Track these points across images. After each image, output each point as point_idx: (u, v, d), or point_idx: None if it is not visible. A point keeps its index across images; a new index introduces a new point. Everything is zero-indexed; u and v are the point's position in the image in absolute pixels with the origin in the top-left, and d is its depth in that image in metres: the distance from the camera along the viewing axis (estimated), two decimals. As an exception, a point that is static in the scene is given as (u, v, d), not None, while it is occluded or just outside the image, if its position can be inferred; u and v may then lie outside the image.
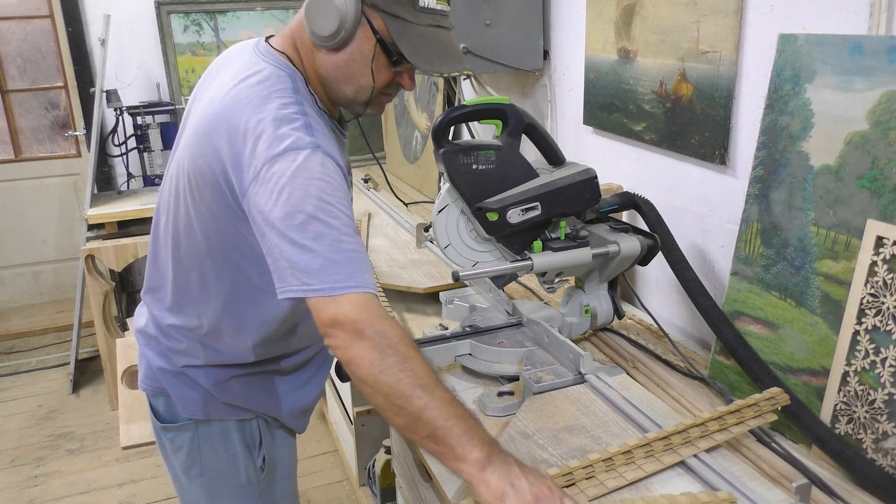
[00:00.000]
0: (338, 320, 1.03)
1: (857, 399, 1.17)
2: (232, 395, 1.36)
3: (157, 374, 1.37)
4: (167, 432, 1.40)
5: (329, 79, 1.21)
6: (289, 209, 1.05)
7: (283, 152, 1.07)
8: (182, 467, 1.42)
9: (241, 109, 1.13)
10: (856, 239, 1.17)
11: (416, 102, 3.16)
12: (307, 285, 1.04)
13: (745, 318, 1.39)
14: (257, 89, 1.15)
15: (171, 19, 3.91)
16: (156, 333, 1.36)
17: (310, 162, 1.07)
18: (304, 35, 1.20)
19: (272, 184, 1.06)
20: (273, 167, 1.07)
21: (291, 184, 1.06)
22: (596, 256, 1.53)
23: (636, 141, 1.89)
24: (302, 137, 1.09)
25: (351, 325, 1.03)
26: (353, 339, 1.03)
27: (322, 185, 1.07)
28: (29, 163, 4.31)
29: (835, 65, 1.23)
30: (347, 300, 1.04)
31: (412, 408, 1.01)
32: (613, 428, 1.27)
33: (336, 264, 1.05)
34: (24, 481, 2.95)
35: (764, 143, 1.36)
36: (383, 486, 2.32)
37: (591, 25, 2.01)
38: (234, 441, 1.39)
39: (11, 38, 4.13)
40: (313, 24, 1.15)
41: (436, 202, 1.52)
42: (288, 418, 1.44)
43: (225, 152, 1.13)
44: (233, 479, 1.41)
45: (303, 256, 1.05)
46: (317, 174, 1.07)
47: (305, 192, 1.06)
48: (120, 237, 3.41)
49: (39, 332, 4.30)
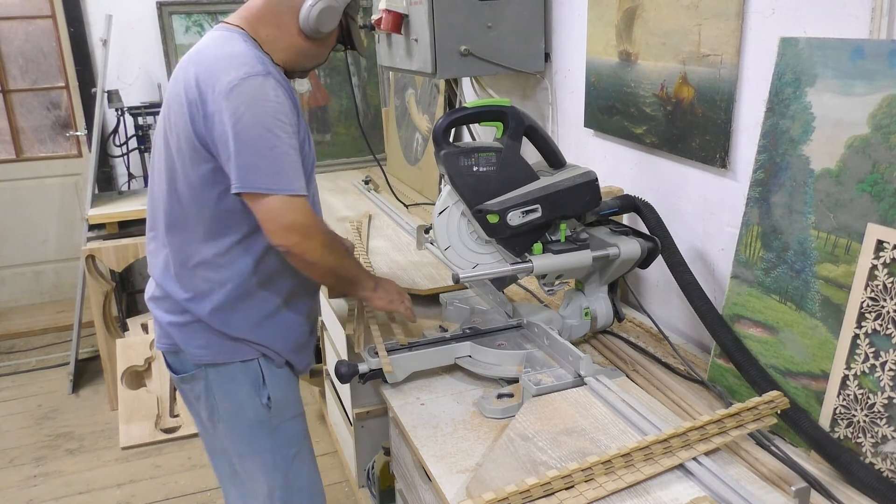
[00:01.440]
0: (294, 224, 1.39)
1: (856, 403, 1.17)
2: (235, 326, 1.53)
3: (168, 330, 1.57)
4: (184, 383, 1.61)
5: (301, 55, 1.55)
6: (249, 123, 1.34)
7: (242, 78, 1.36)
8: (206, 415, 1.61)
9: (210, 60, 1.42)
10: (856, 243, 1.17)
11: (417, 104, 3.16)
12: (263, 185, 1.36)
13: (745, 322, 1.39)
14: (223, 49, 1.44)
15: (172, 20, 3.92)
16: (168, 289, 1.54)
17: (264, 87, 1.37)
18: (279, 19, 1.49)
19: (235, 103, 1.34)
20: (233, 91, 1.35)
21: (251, 103, 1.35)
22: (596, 259, 1.53)
23: (637, 144, 1.90)
24: (255, 66, 1.38)
25: (305, 228, 1.41)
26: (305, 238, 1.41)
27: (274, 105, 1.37)
28: (30, 163, 4.31)
29: (836, 68, 1.23)
30: (296, 203, 1.39)
31: (343, 271, 1.55)
32: (612, 430, 1.27)
33: (285, 172, 1.38)
34: (24, 481, 2.95)
35: (765, 146, 1.36)
36: (382, 487, 2.31)
37: (592, 28, 2.01)
38: (241, 382, 1.57)
39: (13, 38, 4.14)
40: (321, 24, 1.49)
41: (436, 204, 1.52)
42: (286, 352, 1.61)
43: (192, 85, 1.40)
44: (245, 419, 1.59)
45: (260, 161, 1.36)
46: (270, 96, 1.37)
47: (262, 108, 1.36)
48: (120, 237, 3.42)
49: (40, 331, 4.30)
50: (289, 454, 1.64)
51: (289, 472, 1.64)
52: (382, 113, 3.73)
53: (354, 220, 2.69)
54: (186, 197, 1.48)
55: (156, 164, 1.54)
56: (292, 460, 1.65)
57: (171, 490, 2.85)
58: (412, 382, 1.55)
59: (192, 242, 1.51)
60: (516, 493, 1.06)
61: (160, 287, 1.56)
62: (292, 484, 1.65)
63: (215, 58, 1.41)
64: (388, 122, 3.58)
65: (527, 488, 1.06)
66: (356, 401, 2.31)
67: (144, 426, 3.18)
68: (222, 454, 1.65)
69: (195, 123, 1.40)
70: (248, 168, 1.36)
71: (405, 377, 1.54)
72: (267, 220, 1.39)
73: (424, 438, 1.34)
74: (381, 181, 3.21)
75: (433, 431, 1.36)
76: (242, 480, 1.64)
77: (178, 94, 1.43)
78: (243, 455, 1.61)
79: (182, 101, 1.41)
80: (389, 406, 1.50)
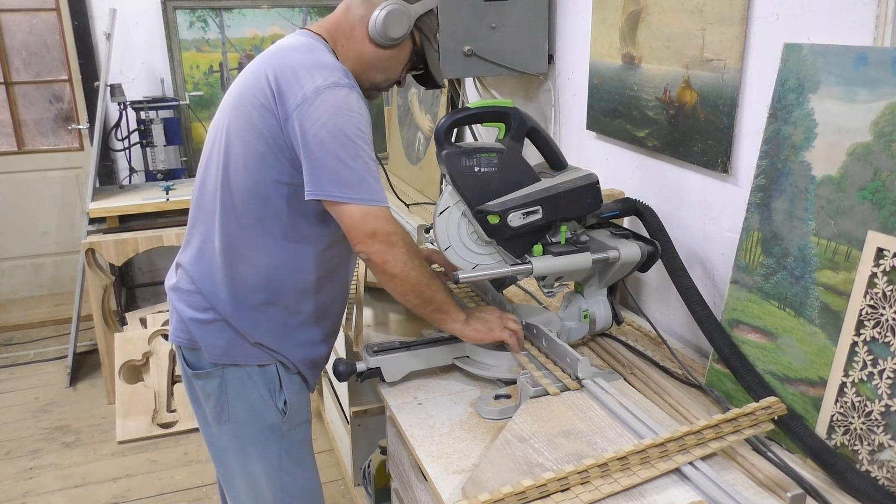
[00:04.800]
0: (377, 232, 1.36)
1: (853, 410, 1.16)
2: (259, 332, 1.51)
3: (187, 325, 1.53)
4: (198, 379, 1.56)
5: (370, 66, 1.52)
6: (333, 130, 1.33)
7: (329, 86, 1.35)
8: (213, 414, 1.57)
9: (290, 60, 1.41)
10: (856, 250, 1.17)
11: (419, 104, 3.16)
12: (345, 195, 1.35)
13: (744, 327, 1.39)
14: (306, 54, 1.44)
15: (176, 15, 3.92)
16: (199, 284, 1.52)
17: (349, 98, 1.37)
18: (353, 30, 1.49)
19: (321, 109, 1.34)
20: (319, 96, 1.34)
21: (336, 111, 1.34)
22: (596, 262, 1.53)
23: (639, 147, 1.90)
24: (343, 79, 1.38)
25: (386, 236, 1.37)
26: (387, 247, 1.38)
27: (359, 117, 1.37)
28: (32, 155, 4.31)
29: (839, 75, 1.23)
30: (379, 212, 1.37)
31: (429, 292, 1.45)
32: (609, 433, 1.27)
33: (367, 182, 1.37)
34: (19, 473, 2.95)
35: (766, 152, 1.36)
36: (378, 486, 2.32)
37: (596, 30, 2.01)
38: (258, 384, 1.55)
39: (17, 31, 4.14)
40: (388, 27, 1.46)
41: (437, 204, 1.52)
42: (302, 366, 1.59)
43: (272, 84, 1.38)
44: (257, 423, 1.56)
45: (343, 170, 1.34)
46: (355, 108, 1.37)
47: (347, 119, 1.35)
48: (121, 232, 3.42)
49: (38, 324, 4.30)
50: (295, 459, 1.62)
51: (293, 477, 1.63)
52: (385, 112, 3.73)
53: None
54: (241, 191, 1.45)
55: (213, 156, 1.50)
56: (297, 465, 1.63)
57: (167, 485, 2.85)
58: (410, 382, 1.55)
59: (238, 240, 1.47)
60: (512, 494, 1.06)
61: (189, 278, 1.53)
62: (295, 489, 1.64)
63: (302, 63, 1.39)
64: (390, 121, 3.59)
65: (522, 490, 1.06)
66: (353, 399, 2.32)
67: (141, 421, 3.18)
68: (223, 454, 1.63)
69: (272, 120, 1.38)
70: (330, 175, 1.34)
71: (403, 377, 1.54)
72: (350, 228, 1.37)
73: (421, 438, 1.34)
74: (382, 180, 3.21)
75: (430, 431, 1.36)
76: (244, 482, 1.62)
77: (259, 89, 1.40)
78: (249, 456, 1.60)
79: (261, 96, 1.40)
80: (387, 405, 1.50)
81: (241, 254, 1.48)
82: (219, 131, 1.49)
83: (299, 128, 1.35)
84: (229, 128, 1.46)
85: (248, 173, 1.43)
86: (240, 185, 1.44)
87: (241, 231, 1.47)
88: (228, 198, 1.46)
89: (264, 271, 1.48)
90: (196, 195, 1.56)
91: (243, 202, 1.45)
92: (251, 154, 1.42)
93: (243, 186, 1.44)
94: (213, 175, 1.49)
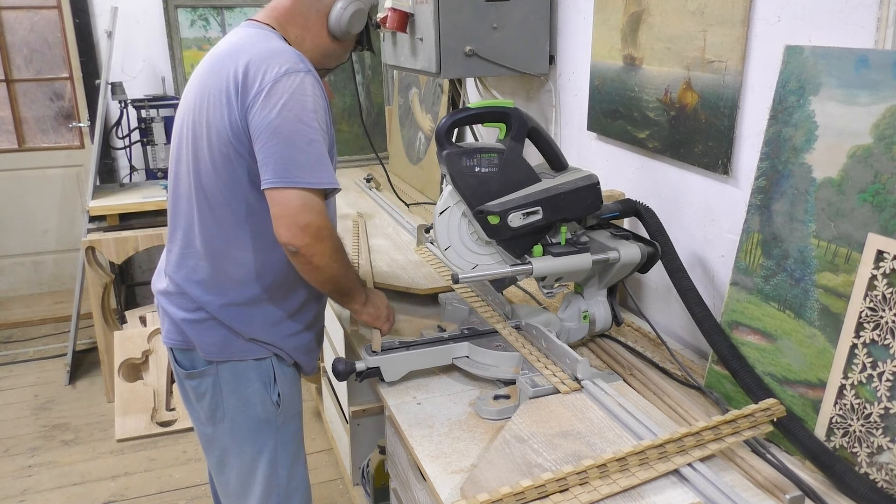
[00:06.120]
0: (310, 226, 1.36)
1: (853, 412, 1.16)
2: (251, 327, 1.53)
3: (180, 326, 1.55)
4: (191, 379, 1.58)
5: (327, 55, 1.59)
6: (289, 116, 1.35)
7: (284, 73, 1.37)
8: (207, 414, 1.59)
9: (257, 54, 1.42)
10: (856, 252, 1.17)
11: (420, 104, 3.16)
12: (297, 179, 1.35)
13: (744, 329, 1.39)
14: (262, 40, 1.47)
15: (178, 13, 3.92)
16: (185, 287, 1.53)
17: (304, 83, 1.39)
18: (307, 21, 1.53)
19: (276, 98, 1.36)
20: (276, 85, 1.36)
21: (291, 98, 1.36)
22: (596, 262, 1.53)
23: (639, 148, 1.90)
24: (297, 63, 1.41)
25: (318, 230, 1.38)
26: (317, 241, 1.38)
27: (314, 101, 1.39)
28: (32, 153, 4.31)
29: (840, 78, 1.23)
30: (315, 205, 1.37)
31: (345, 281, 1.50)
32: (608, 434, 1.27)
33: (323, 165, 1.38)
34: (18, 471, 2.95)
35: (767, 153, 1.36)
36: (377, 486, 2.31)
37: (597, 31, 2.01)
38: (252, 378, 1.57)
39: (18, 28, 4.14)
40: (352, 25, 1.54)
41: (437, 204, 1.52)
42: (297, 354, 1.61)
43: (239, 79, 1.40)
44: (252, 417, 1.58)
45: (300, 156, 1.36)
46: (309, 92, 1.39)
47: (302, 105, 1.37)
48: (121, 230, 3.42)
49: (38, 322, 4.30)
50: (289, 451, 1.64)
51: (288, 471, 1.64)
52: (386, 111, 3.73)
53: (355, 218, 2.69)
54: (215, 194, 1.46)
55: (182, 159, 1.51)
56: (290, 458, 1.65)
57: (166, 483, 2.85)
58: (409, 382, 1.55)
59: (220, 241, 1.49)
60: (510, 494, 1.06)
61: (174, 283, 1.55)
62: (289, 484, 1.65)
63: (261, 53, 1.41)
64: (391, 121, 3.59)
65: (521, 490, 1.06)
66: (353, 399, 2.31)
67: (140, 419, 3.18)
68: (220, 453, 1.64)
69: (234, 116, 1.40)
70: (284, 162, 1.35)
71: (402, 376, 1.54)
72: (281, 216, 1.36)
73: (420, 438, 1.34)
74: (382, 179, 3.21)
75: (429, 431, 1.36)
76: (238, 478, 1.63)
77: (219, 89, 1.41)
78: (244, 452, 1.61)
79: (223, 95, 1.41)
80: (386, 405, 1.50)
81: (228, 254, 1.49)
82: (183, 137, 1.51)
83: (256, 118, 1.37)
84: (195, 132, 1.47)
85: (219, 176, 1.45)
86: (212, 188, 1.46)
87: (223, 233, 1.48)
88: (204, 202, 1.48)
89: (253, 267, 1.51)
90: (171, 201, 1.57)
91: (220, 205, 1.47)
92: (218, 156, 1.43)
93: (216, 190, 1.46)
94: (185, 181, 1.50)
